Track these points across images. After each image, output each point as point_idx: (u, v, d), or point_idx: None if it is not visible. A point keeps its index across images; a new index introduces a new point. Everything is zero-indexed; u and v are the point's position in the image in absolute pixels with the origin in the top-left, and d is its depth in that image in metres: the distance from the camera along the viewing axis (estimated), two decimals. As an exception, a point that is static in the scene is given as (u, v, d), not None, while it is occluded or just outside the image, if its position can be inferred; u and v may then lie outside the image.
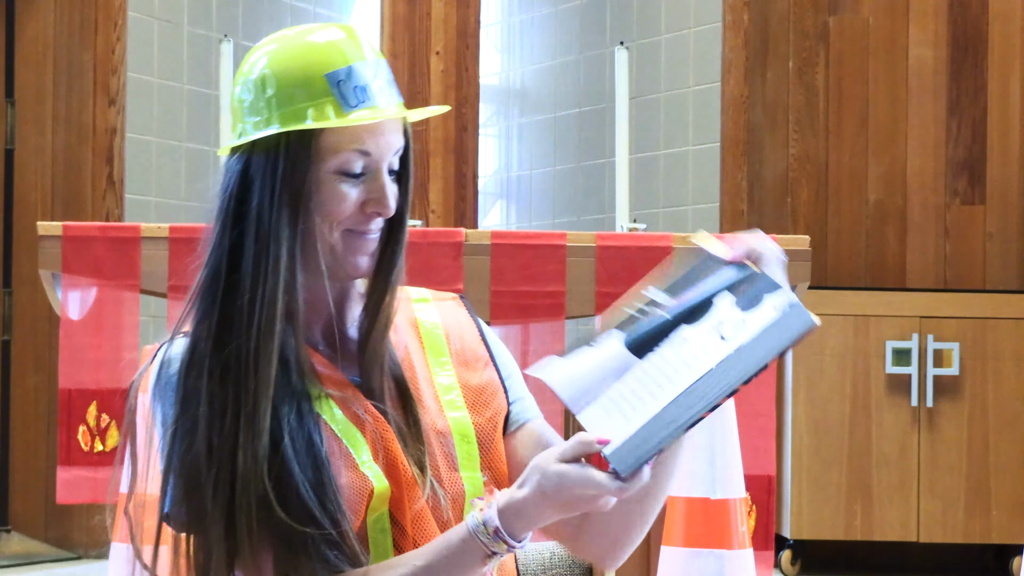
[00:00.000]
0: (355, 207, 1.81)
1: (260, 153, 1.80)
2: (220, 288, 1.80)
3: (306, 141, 1.79)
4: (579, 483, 1.67)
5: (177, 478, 1.77)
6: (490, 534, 1.71)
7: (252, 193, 1.80)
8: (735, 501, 3.41)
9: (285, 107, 1.80)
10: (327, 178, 1.80)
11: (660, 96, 6.34)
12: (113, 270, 3.88)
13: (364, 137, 1.81)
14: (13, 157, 5.84)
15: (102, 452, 3.89)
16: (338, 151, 1.80)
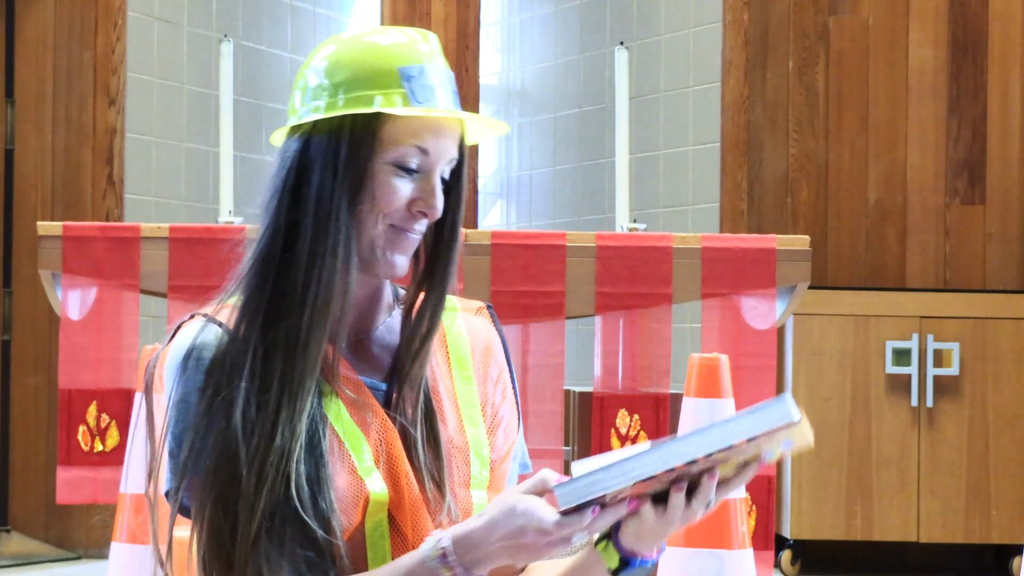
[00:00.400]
0: (404, 203, 1.81)
1: (321, 135, 1.80)
2: (273, 267, 1.79)
3: (371, 128, 1.80)
4: (524, 515, 1.66)
5: (209, 453, 1.75)
6: (438, 559, 1.70)
7: (312, 174, 1.80)
8: (735, 501, 3.41)
9: (353, 91, 1.80)
10: (382, 169, 1.80)
11: (660, 96, 6.34)
12: (113, 270, 3.88)
13: (425, 135, 1.81)
14: (13, 157, 5.84)
15: (102, 452, 3.89)
16: (398, 143, 1.80)
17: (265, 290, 1.79)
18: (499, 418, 1.92)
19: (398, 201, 1.81)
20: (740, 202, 5.95)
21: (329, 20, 6.92)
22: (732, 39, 6.00)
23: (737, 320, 4.00)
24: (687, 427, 3.44)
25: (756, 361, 3.93)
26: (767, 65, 5.99)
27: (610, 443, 3.95)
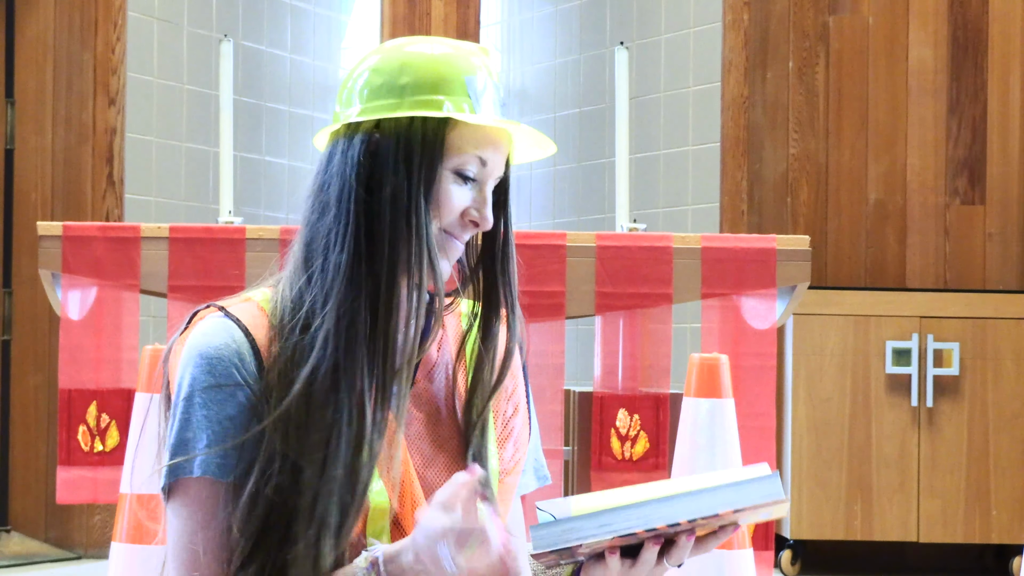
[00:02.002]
0: (459, 210, 1.84)
1: (388, 135, 1.81)
2: (361, 267, 1.78)
3: (440, 132, 1.82)
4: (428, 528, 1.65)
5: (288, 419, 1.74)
6: (366, 568, 1.70)
7: (384, 173, 1.80)
8: (735, 501, 3.40)
9: (421, 95, 1.82)
10: (445, 175, 1.82)
11: (660, 96, 6.34)
12: (113, 270, 3.88)
13: (485, 146, 1.84)
14: (13, 157, 5.84)
15: (102, 452, 3.89)
16: (462, 151, 1.83)
17: (356, 288, 1.78)
18: (509, 429, 1.91)
19: (456, 208, 1.83)
20: (740, 202, 5.95)
21: (329, 20, 6.92)
22: (732, 39, 6.00)
23: (737, 320, 4.00)
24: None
25: (756, 361, 3.93)
26: (767, 65, 5.99)
27: (610, 443, 3.95)
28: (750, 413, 3.77)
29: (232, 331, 1.79)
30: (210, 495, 1.75)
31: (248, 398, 1.76)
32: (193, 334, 1.80)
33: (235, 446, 1.75)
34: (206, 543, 1.75)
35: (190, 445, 1.75)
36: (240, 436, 1.75)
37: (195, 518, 1.76)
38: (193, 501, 1.76)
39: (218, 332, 1.79)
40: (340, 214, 1.80)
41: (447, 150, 1.82)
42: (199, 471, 1.75)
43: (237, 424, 1.76)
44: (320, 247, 1.80)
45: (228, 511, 1.74)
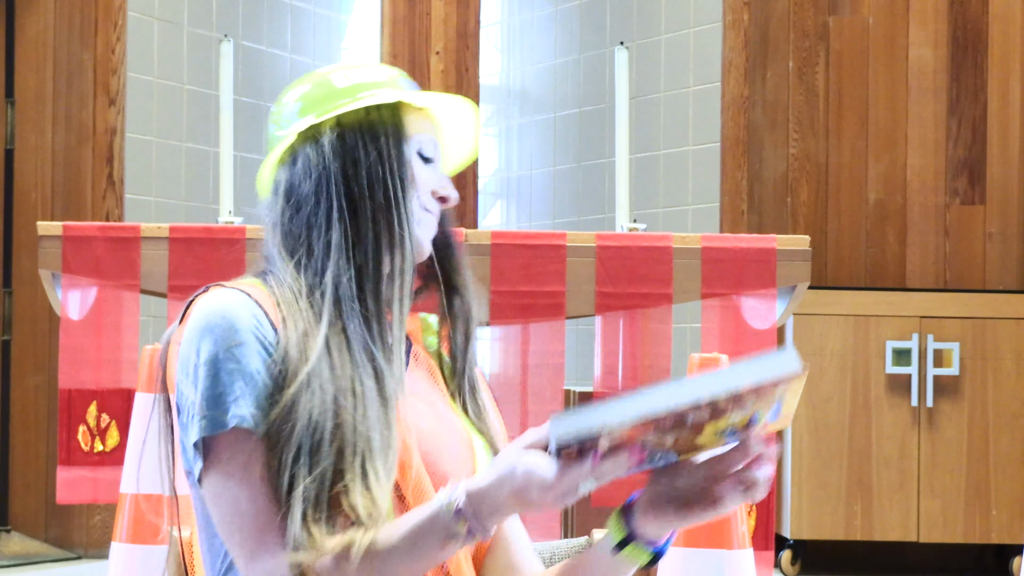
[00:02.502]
0: (427, 188, 1.94)
1: (353, 128, 1.92)
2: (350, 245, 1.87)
3: (398, 116, 1.93)
4: (525, 475, 1.67)
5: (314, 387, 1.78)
6: (452, 513, 1.71)
7: (358, 160, 1.90)
8: (735, 501, 3.40)
9: (367, 89, 1.93)
10: (413, 156, 1.94)
11: (660, 96, 6.34)
12: (113, 270, 3.88)
13: (436, 128, 1.98)
14: (13, 157, 5.84)
15: (102, 452, 3.89)
16: (418, 132, 1.94)
17: (348, 262, 1.87)
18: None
19: (426, 185, 1.94)
20: (740, 202, 5.96)
21: (329, 20, 6.92)
22: (732, 39, 6.00)
23: (737, 320, 4.00)
24: None
25: (756, 361, 3.92)
26: (767, 65, 5.99)
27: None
28: (750, 413, 3.76)
29: (241, 297, 1.83)
30: (250, 446, 1.77)
31: (270, 354, 1.80)
32: (200, 307, 1.83)
33: (268, 397, 1.78)
34: (257, 495, 1.76)
35: (220, 400, 1.77)
36: (269, 389, 1.78)
37: (239, 472, 1.76)
38: (235, 455, 1.77)
39: (228, 297, 1.83)
40: (321, 202, 1.88)
41: (407, 133, 1.93)
42: (232, 422, 1.76)
43: (265, 377, 1.78)
44: (303, 237, 1.88)
45: (270, 463, 1.76)
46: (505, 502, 1.69)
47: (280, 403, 1.77)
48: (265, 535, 1.75)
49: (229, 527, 1.77)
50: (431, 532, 1.71)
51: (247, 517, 1.76)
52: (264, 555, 1.74)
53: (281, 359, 1.79)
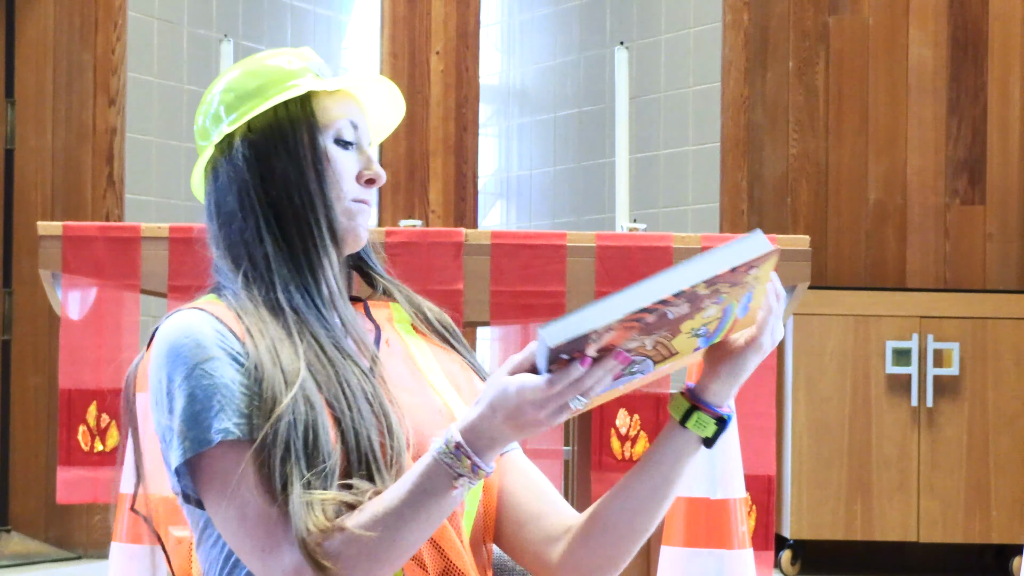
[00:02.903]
0: (354, 175, 1.92)
1: (263, 132, 1.90)
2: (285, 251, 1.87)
3: (308, 108, 1.91)
4: (517, 393, 1.67)
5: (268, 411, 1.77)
6: (452, 452, 1.71)
7: (274, 164, 1.89)
8: (735, 501, 3.41)
9: (276, 87, 1.91)
10: (329, 146, 1.91)
11: (660, 96, 6.34)
12: (113, 270, 3.87)
13: (352, 109, 1.94)
14: (13, 157, 5.84)
15: (102, 452, 3.89)
16: (334, 119, 1.92)
17: (290, 267, 1.87)
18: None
19: (350, 172, 1.92)
20: (740, 202, 5.96)
21: (329, 20, 6.92)
22: (732, 39, 6.00)
23: (737, 320, 4.00)
24: None
25: (756, 361, 3.92)
26: (767, 65, 5.99)
27: (610, 443, 3.95)
28: (750, 413, 3.77)
29: (202, 316, 1.83)
30: (241, 455, 1.75)
31: (241, 364, 1.79)
32: (162, 333, 1.83)
33: (248, 406, 1.77)
34: (258, 501, 1.75)
35: (201, 417, 1.76)
36: (246, 397, 1.77)
37: (236, 483, 1.75)
38: (226, 467, 1.76)
39: (189, 318, 1.83)
40: (247, 214, 1.88)
41: (320, 122, 1.91)
42: (217, 437, 1.75)
43: (240, 386, 1.77)
44: (242, 251, 1.88)
45: (265, 462, 1.75)
46: (501, 428, 1.69)
47: (270, 420, 1.75)
48: (275, 536, 1.74)
49: (238, 536, 1.76)
50: (435, 478, 1.71)
51: (253, 523, 1.75)
52: (279, 554, 1.73)
53: (254, 368, 1.78)
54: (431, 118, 6.74)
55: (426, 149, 6.69)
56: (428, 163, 6.67)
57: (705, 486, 3.41)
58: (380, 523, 1.71)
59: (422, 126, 6.71)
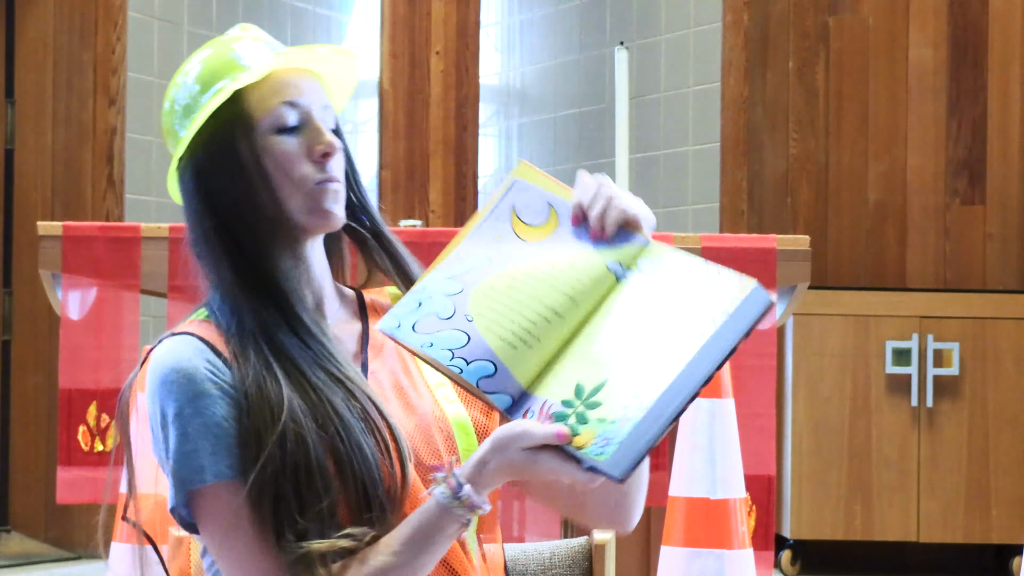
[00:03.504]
0: (303, 158, 1.83)
1: (203, 154, 1.84)
2: (244, 277, 1.82)
3: (236, 111, 1.83)
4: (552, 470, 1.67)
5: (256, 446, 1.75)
6: (466, 507, 1.71)
7: (220, 191, 1.83)
8: (735, 501, 3.41)
9: (205, 96, 1.84)
10: (268, 140, 1.83)
11: (660, 96, 6.34)
12: (113, 270, 3.87)
13: (285, 89, 1.84)
14: (13, 157, 5.84)
15: (102, 452, 3.89)
16: (268, 109, 1.83)
17: (239, 297, 1.81)
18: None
19: (297, 157, 1.83)
20: (740, 202, 5.96)
21: (329, 20, 6.92)
22: (732, 39, 6.00)
23: (737, 320, 3.99)
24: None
25: (756, 361, 3.93)
26: (767, 65, 5.99)
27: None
28: (750, 413, 3.77)
29: (190, 342, 1.80)
30: (232, 498, 1.74)
31: (232, 396, 1.77)
32: (155, 362, 1.81)
33: (240, 444, 1.75)
34: (249, 542, 1.74)
35: (193, 457, 1.75)
36: (238, 433, 1.75)
37: (224, 523, 1.75)
38: (221, 508, 1.75)
39: (179, 348, 1.80)
40: (206, 242, 1.83)
41: (254, 119, 1.83)
42: (211, 478, 1.74)
43: (232, 422, 1.76)
44: (212, 273, 1.84)
45: (258, 506, 1.74)
46: (506, 480, 1.71)
47: (262, 455, 1.74)
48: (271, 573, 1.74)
49: (233, 571, 1.76)
50: (440, 522, 1.71)
51: (247, 561, 1.75)
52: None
53: (243, 397, 1.76)
54: (431, 118, 6.74)
55: (426, 149, 6.69)
56: (428, 163, 6.67)
57: (705, 486, 3.41)
58: (379, 572, 1.72)
59: (422, 126, 6.71)
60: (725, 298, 1.67)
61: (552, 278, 1.74)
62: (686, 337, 1.66)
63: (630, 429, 1.63)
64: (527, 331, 1.72)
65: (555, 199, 1.79)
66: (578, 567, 2.11)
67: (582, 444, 1.65)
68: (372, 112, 6.87)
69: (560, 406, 1.68)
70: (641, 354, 1.67)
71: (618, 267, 1.74)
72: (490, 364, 1.71)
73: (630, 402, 1.64)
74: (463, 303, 1.75)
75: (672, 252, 1.73)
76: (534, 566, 2.10)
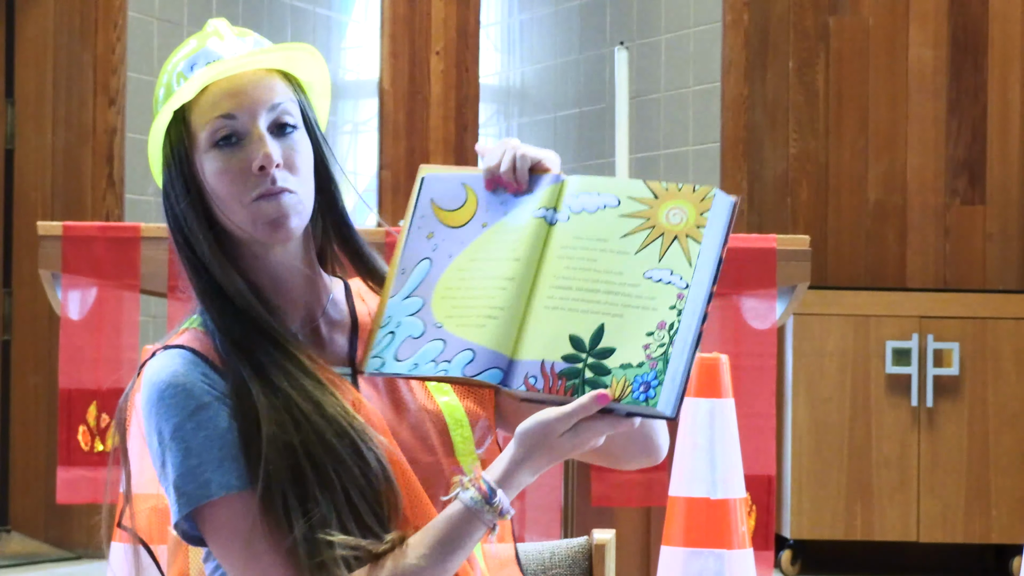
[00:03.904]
0: (244, 173, 1.79)
1: (164, 166, 1.83)
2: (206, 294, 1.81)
3: (180, 130, 1.80)
4: (596, 434, 1.68)
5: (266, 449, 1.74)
6: (496, 512, 1.71)
7: (177, 202, 1.81)
8: (735, 501, 3.41)
9: (160, 119, 1.81)
10: (207, 158, 1.79)
11: (660, 96, 6.34)
12: (113, 270, 3.87)
13: (222, 101, 1.79)
14: (13, 157, 5.84)
15: (102, 452, 3.89)
16: (203, 125, 1.79)
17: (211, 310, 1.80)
18: None
19: (236, 174, 1.78)
20: (740, 202, 5.96)
21: (329, 20, 6.92)
22: (732, 39, 6.00)
23: (737, 320, 4.00)
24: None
25: (756, 361, 3.93)
26: (767, 65, 5.99)
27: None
28: (750, 413, 3.77)
29: (182, 355, 1.79)
30: (242, 508, 1.73)
31: (229, 406, 1.76)
32: (148, 379, 1.79)
33: (244, 453, 1.74)
34: (261, 553, 1.73)
35: (198, 471, 1.74)
36: (242, 442, 1.75)
37: (239, 535, 1.73)
38: (235, 520, 1.74)
39: (173, 362, 1.78)
40: (179, 254, 1.82)
41: (193, 137, 1.80)
42: (220, 491, 1.73)
43: (235, 433, 1.75)
44: (190, 286, 1.83)
45: (272, 513, 1.73)
46: (533, 464, 1.71)
47: (262, 463, 1.73)
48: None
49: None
50: (468, 526, 1.71)
51: (270, 568, 1.73)
52: None
53: (237, 405, 1.76)
54: (431, 118, 6.74)
55: (426, 149, 6.69)
56: (428, 163, 6.67)
57: (705, 486, 3.41)
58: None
59: (422, 126, 6.71)
60: (691, 211, 1.69)
61: (492, 250, 1.76)
62: (670, 261, 1.67)
63: (663, 367, 1.64)
64: (489, 307, 1.73)
65: (467, 177, 1.81)
66: (578, 567, 2.11)
67: (620, 395, 1.66)
68: (372, 112, 6.87)
69: (563, 363, 1.68)
70: (617, 287, 1.68)
71: (545, 211, 1.76)
72: (469, 352, 1.72)
73: (645, 340, 1.65)
74: (428, 315, 1.76)
75: (592, 178, 1.76)
76: (534, 566, 2.09)
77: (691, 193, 1.71)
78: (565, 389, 1.68)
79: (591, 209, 1.74)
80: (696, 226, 1.69)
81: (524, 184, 1.78)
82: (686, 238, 1.69)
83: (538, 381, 1.69)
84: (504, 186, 1.79)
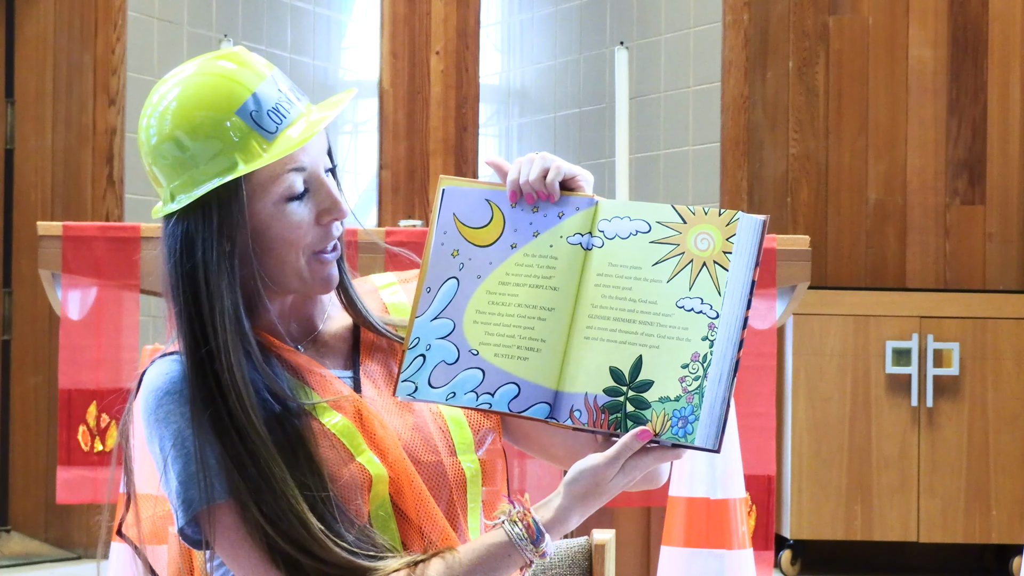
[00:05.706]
0: (312, 224, 1.79)
1: (196, 210, 1.77)
2: (199, 352, 1.78)
3: (238, 184, 1.76)
4: (643, 469, 1.69)
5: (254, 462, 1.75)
6: (539, 555, 1.73)
7: (196, 251, 1.77)
8: (735, 501, 3.41)
9: (211, 161, 1.75)
10: (276, 209, 1.78)
11: (660, 96, 6.34)
12: (113, 270, 3.87)
13: (295, 155, 1.78)
14: (13, 157, 5.84)
15: (102, 452, 3.89)
16: (276, 179, 1.77)
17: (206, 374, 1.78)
18: None
19: (306, 227, 1.79)
20: (740, 202, 5.95)
21: (329, 20, 6.92)
22: (732, 39, 6.00)
23: (737, 320, 3.99)
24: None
25: (756, 361, 3.93)
26: (767, 65, 5.99)
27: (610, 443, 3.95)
28: (750, 413, 3.77)
29: (180, 362, 1.81)
30: (246, 511, 1.75)
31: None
32: (147, 385, 1.81)
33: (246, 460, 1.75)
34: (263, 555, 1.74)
35: (201, 476, 1.74)
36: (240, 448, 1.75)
37: (249, 536, 1.74)
38: (234, 523, 1.75)
39: (171, 368, 1.80)
40: (176, 298, 1.80)
41: (262, 189, 1.77)
42: (223, 496, 1.74)
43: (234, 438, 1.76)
44: (179, 328, 1.81)
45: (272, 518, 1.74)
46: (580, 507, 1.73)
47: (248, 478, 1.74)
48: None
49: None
50: (506, 563, 1.73)
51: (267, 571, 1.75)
52: None
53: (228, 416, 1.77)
54: (431, 118, 6.74)
55: (426, 149, 6.68)
56: (428, 163, 6.67)
57: (705, 486, 3.41)
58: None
59: (422, 126, 6.71)
60: (718, 236, 1.68)
61: (524, 275, 1.74)
62: (700, 289, 1.66)
63: (699, 401, 1.64)
64: (529, 338, 1.72)
65: (490, 193, 1.79)
66: (578, 567, 2.11)
67: (660, 430, 1.66)
68: (372, 112, 6.87)
69: (606, 396, 1.68)
70: (652, 317, 1.68)
71: (581, 238, 1.74)
72: (513, 386, 1.71)
73: (681, 372, 1.65)
74: (461, 339, 1.74)
75: (623, 202, 1.73)
76: (534, 566, 2.09)
77: (717, 217, 1.69)
78: (608, 423, 1.69)
79: (624, 235, 1.72)
80: (723, 252, 1.67)
81: (556, 196, 1.75)
82: (714, 264, 1.67)
83: (583, 415, 1.69)
84: (528, 199, 1.76)
